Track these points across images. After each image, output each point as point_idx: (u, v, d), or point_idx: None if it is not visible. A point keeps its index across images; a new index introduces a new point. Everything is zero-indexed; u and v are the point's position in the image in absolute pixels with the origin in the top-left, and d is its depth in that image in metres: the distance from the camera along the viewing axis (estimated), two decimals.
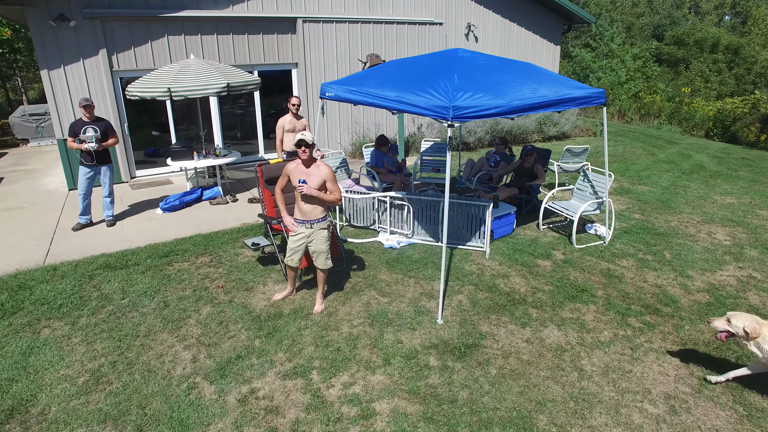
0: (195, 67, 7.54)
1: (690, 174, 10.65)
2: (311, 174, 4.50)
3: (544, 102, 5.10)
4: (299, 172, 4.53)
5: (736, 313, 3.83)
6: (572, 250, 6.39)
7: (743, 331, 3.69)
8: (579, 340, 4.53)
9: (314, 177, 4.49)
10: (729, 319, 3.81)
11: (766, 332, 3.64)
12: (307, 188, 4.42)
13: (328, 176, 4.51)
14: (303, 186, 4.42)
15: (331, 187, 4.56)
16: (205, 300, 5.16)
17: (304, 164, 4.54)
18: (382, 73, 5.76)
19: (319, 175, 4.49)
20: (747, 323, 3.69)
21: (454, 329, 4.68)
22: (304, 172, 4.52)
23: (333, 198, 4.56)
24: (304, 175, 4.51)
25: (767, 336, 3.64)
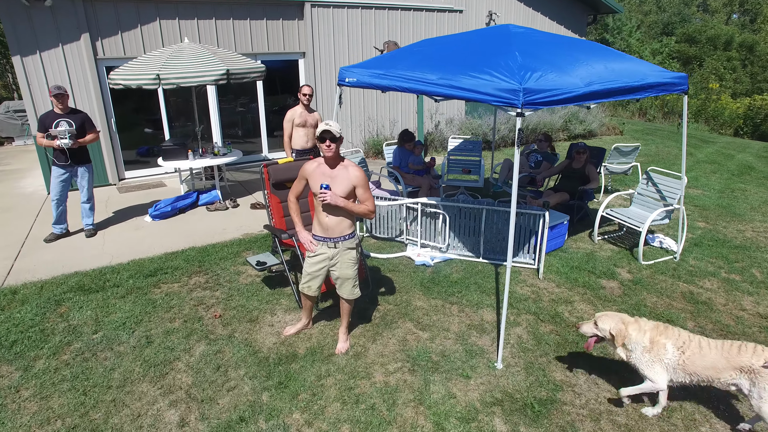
0: (189, 51, 6.49)
1: (740, 175, 9.60)
2: (337, 177, 3.44)
3: (624, 87, 4.05)
4: (321, 175, 3.47)
5: (603, 314, 3.35)
6: (639, 268, 5.33)
7: (609, 334, 3.25)
8: (686, 395, 3.46)
9: (341, 181, 3.43)
10: (596, 321, 3.32)
11: (632, 332, 3.19)
12: (331, 196, 3.36)
13: (359, 180, 3.45)
14: (326, 193, 3.36)
15: (362, 195, 3.50)
16: (199, 335, 4.10)
17: (328, 164, 3.48)
18: (416, 53, 4.70)
19: (347, 179, 3.43)
20: (613, 325, 3.24)
21: (520, 377, 3.62)
22: (327, 174, 3.46)
23: (365, 209, 3.49)
24: (327, 178, 3.45)
25: (633, 336, 3.18)
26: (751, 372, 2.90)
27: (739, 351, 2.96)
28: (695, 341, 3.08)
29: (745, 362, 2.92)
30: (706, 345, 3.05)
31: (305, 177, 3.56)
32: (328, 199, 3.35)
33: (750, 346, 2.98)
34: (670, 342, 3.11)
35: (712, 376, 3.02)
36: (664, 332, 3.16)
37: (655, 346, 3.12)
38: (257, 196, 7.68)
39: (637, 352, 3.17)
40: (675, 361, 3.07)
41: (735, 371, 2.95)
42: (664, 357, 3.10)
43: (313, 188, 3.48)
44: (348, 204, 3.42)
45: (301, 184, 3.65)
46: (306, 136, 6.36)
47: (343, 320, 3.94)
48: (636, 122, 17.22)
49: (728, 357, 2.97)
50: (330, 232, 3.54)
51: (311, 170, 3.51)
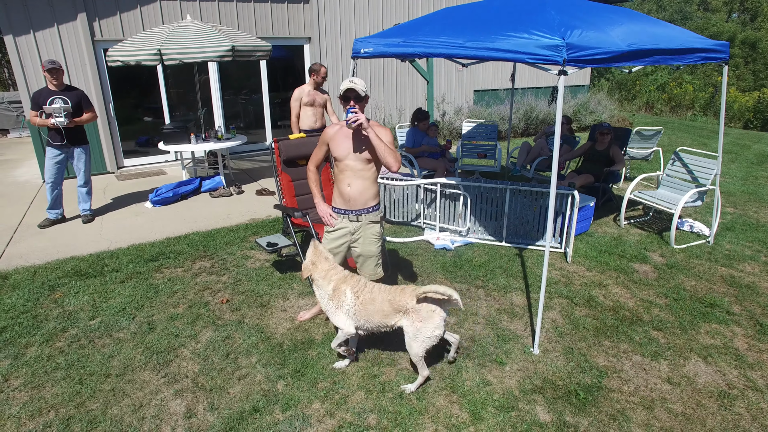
0: (193, 27, 6.17)
1: (761, 164, 9.30)
2: (363, 139, 3.11)
3: (665, 49, 3.74)
4: (344, 138, 3.14)
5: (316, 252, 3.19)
6: (672, 252, 5.01)
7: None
8: (746, 381, 3.15)
9: (368, 143, 3.10)
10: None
11: (317, 276, 3.09)
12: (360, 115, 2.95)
13: (386, 138, 3.11)
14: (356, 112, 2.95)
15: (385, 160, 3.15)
16: (205, 320, 3.77)
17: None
18: (438, 19, 4.37)
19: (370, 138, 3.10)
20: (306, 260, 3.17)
21: (560, 362, 3.29)
22: (350, 136, 3.14)
23: (393, 155, 3.03)
24: (349, 140, 3.12)
25: (318, 281, 3.09)
26: (407, 312, 2.92)
27: (400, 294, 2.96)
28: (369, 287, 3.05)
29: (402, 303, 2.92)
30: (377, 290, 3.03)
31: (326, 142, 3.23)
32: (360, 117, 2.94)
33: (409, 288, 2.99)
34: (350, 288, 3.04)
35: (383, 321, 2.99)
36: (347, 280, 3.09)
37: (336, 293, 3.05)
38: (263, 183, 7.35)
39: (324, 300, 3.12)
40: (353, 307, 3.02)
41: (398, 314, 2.96)
42: (344, 303, 3.03)
43: (336, 153, 3.15)
44: (378, 132, 3.04)
45: (321, 150, 3.30)
46: (314, 116, 6.04)
47: None
48: (644, 116, 16.92)
49: (391, 300, 2.95)
50: (352, 204, 3.21)
51: (333, 133, 3.18)
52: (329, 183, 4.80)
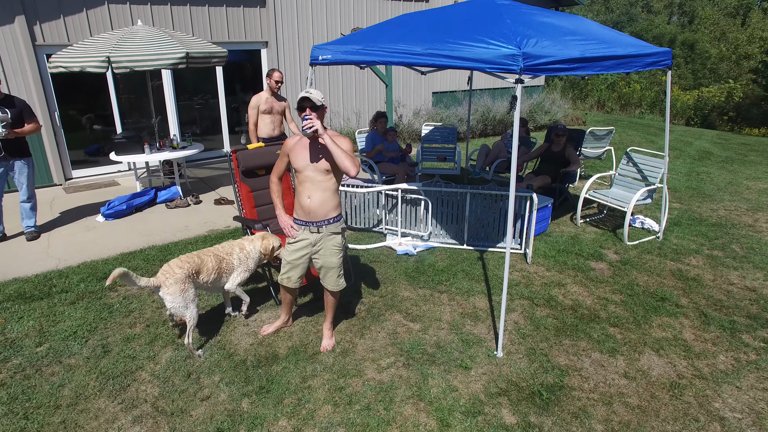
0: (144, 33, 5.96)
1: (702, 160, 9.79)
2: (321, 149, 3.09)
3: (615, 56, 3.88)
4: (303, 149, 3.11)
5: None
6: (625, 248, 5.21)
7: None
8: (693, 371, 3.30)
9: (326, 152, 3.08)
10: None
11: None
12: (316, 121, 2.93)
13: (345, 146, 3.10)
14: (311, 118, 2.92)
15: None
16: (164, 340, 3.65)
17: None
18: (397, 26, 4.39)
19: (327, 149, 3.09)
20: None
21: (523, 364, 3.36)
22: (308, 147, 3.11)
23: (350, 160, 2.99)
24: (311, 152, 3.09)
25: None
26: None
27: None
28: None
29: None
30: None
31: (287, 153, 3.19)
32: (315, 124, 2.91)
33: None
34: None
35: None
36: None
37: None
38: (221, 192, 7.18)
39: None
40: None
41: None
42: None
43: (295, 164, 3.12)
44: (333, 138, 3.01)
45: (283, 162, 3.27)
46: (272, 124, 5.95)
47: (328, 315, 3.59)
48: (596, 114, 17.52)
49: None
50: (313, 215, 3.18)
51: (292, 144, 3.15)
52: (289, 192, 4.75)
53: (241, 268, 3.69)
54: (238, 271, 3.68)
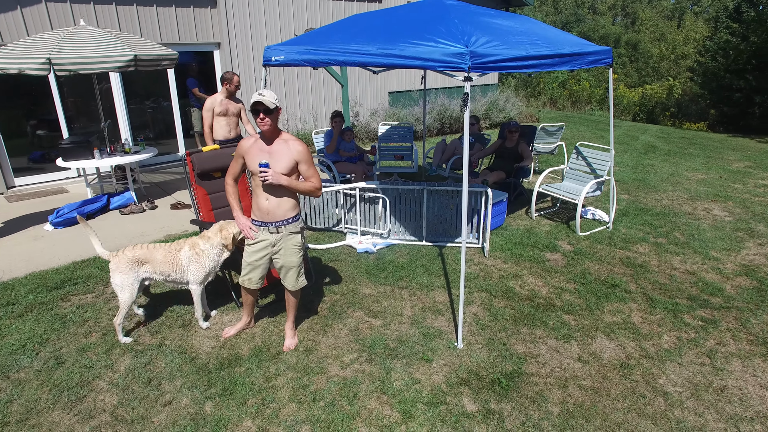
0: (88, 34, 5.77)
1: (647, 153, 10.29)
2: (277, 153, 3.10)
3: (559, 54, 4.05)
4: (258, 151, 3.11)
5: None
6: (578, 239, 5.43)
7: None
8: (641, 351, 3.50)
9: (281, 157, 3.09)
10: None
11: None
12: (273, 174, 3.01)
13: (301, 155, 3.13)
14: (267, 171, 3.00)
15: (306, 171, 3.18)
16: (122, 348, 3.56)
17: (265, 140, 3.13)
18: (348, 26, 4.43)
19: (288, 155, 3.10)
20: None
21: (482, 354, 3.47)
22: (265, 150, 3.11)
23: (310, 186, 3.17)
24: (265, 154, 3.10)
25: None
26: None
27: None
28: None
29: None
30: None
31: (242, 155, 3.19)
32: (270, 177, 2.99)
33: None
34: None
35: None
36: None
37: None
38: (177, 196, 7.03)
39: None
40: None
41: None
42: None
43: (251, 167, 3.11)
44: (291, 182, 3.09)
45: (238, 164, 3.26)
46: (228, 126, 5.87)
47: (290, 314, 3.59)
48: (549, 111, 18.09)
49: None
50: (271, 216, 3.19)
51: (247, 147, 3.14)
52: (247, 194, 4.71)
53: (194, 266, 3.62)
54: (191, 270, 3.62)
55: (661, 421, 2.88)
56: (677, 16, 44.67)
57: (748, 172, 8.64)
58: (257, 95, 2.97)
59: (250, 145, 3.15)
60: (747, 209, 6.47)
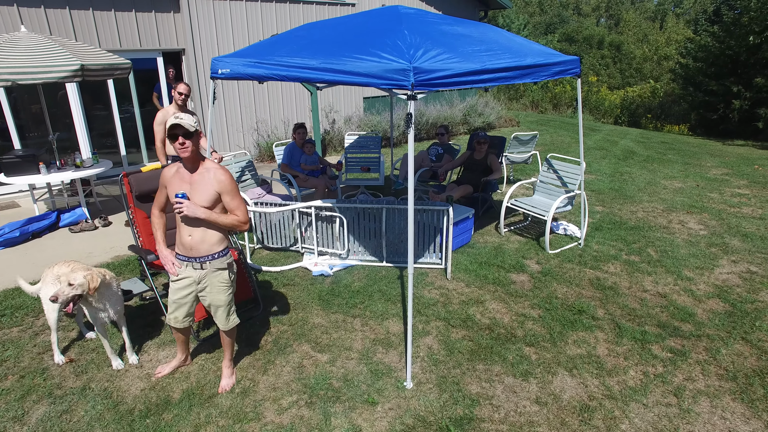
0: (29, 42, 5.43)
1: (625, 160, 10.13)
2: (198, 183, 2.81)
3: (520, 66, 3.81)
4: (180, 181, 2.82)
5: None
6: (547, 257, 5.20)
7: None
8: (604, 390, 3.25)
9: (202, 187, 2.80)
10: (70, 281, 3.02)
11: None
12: (188, 206, 2.72)
13: (223, 185, 2.84)
14: (182, 203, 2.71)
15: (231, 203, 2.89)
16: (40, 392, 3.25)
17: (187, 167, 2.83)
18: (298, 37, 4.14)
19: (210, 185, 2.81)
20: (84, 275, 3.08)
21: (433, 396, 3.20)
22: (186, 179, 2.82)
23: (234, 221, 2.89)
24: (186, 185, 2.81)
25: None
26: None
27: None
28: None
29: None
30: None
31: (165, 184, 2.90)
32: (186, 210, 2.70)
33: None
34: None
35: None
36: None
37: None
38: None
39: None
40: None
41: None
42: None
43: (171, 198, 2.82)
44: (211, 215, 2.80)
45: (162, 194, 3.01)
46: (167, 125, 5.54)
47: (226, 353, 3.30)
48: (530, 114, 17.94)
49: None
50: (194, 251, 2.89)
51: (169, 176, 2.86)
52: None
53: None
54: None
55: None
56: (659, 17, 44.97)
57: (725, 180, 8.50)
58: (173, 118, 2.68)
59: (172, 174, 2.86)
60: (722, 221, 6.29)
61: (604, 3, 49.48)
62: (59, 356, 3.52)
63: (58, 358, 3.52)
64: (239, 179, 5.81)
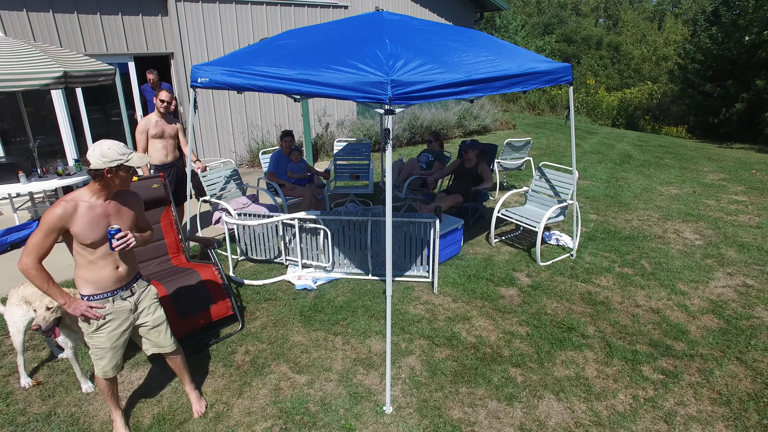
0: (8, 47, 5.28)
1: (622, 164, 10.00)
2: (121, 210, 2.60)
3: (508, 75, 3.67)
4: (98, 217, 2.49)
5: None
6: (538, 270, 5.06)
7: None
8: (591, 416, 3.12)
9: (125, 214, 2.62)
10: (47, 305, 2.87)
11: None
12: (134, 237, 2.58)
13: (141, 205, 2.78)
14: (127, 237, 2.53)
15: (144, 222, 2.90)
16: (2, 419, 3.11)
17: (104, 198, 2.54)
18: (278, 46, 4.00)
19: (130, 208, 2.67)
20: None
21: (413, 421, 3.07)
22: (104, 211, 2.52)
23: (149, 234, 2.87)
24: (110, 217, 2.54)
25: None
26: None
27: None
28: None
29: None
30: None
31: (60, 227, 2.42)
32: (132, 243, 2.54)
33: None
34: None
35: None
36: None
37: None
38: None
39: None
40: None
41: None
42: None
43: (93, 237, 2.47)
44: (144, 236, 2.78)
45: (49, 239, 2.40)
46: (165, 149, 5.41)
47: (184, 377, 3.13)
48: (527, 116, 17.80)
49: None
50: (123, 280, 2.68)
51: (74, 214, 2.43)
52: (172, 228, 4.27)
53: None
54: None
55: None
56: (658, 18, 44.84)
57: (722, 186, 8.37)
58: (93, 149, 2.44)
59: (75, 212, 2.43)
60: (719, 230, 6.16)
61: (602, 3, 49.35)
62: (25, 379, 3.39)
63: (24, 381, 3.38)
64: (223, 188, 5.68)
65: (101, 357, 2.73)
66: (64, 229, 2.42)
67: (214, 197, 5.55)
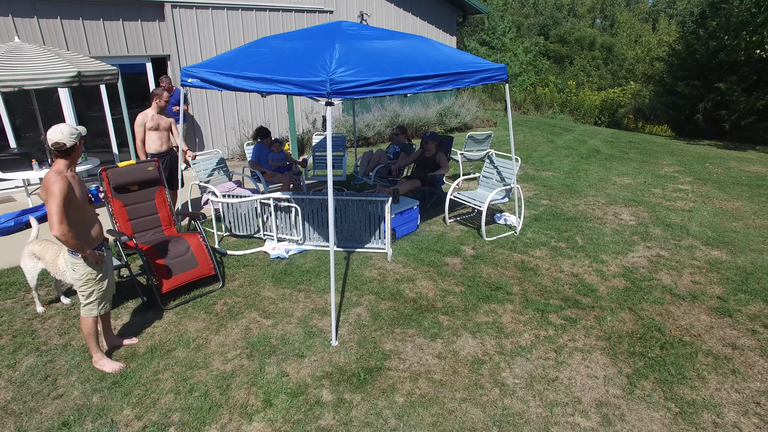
0: (29, 51, 6.09)
1: (588, 158, 10.76)
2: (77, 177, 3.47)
3: (439, 74, 4.46)
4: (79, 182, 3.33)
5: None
6: (482, 244, 5.85)
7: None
8: (497, 348, 3.91)
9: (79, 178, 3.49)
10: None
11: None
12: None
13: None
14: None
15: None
16: (29, 348, 3.91)
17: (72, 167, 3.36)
18: (253, 53, 4.80)
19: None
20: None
21: (352, 351, 3.86)
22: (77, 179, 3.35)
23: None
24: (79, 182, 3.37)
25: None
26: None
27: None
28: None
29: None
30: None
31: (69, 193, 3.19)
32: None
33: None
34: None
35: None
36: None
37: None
38: None
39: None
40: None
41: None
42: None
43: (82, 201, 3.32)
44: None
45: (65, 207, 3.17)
46: (160, 140, 6.20)
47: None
48: (513, 114, 18.54)
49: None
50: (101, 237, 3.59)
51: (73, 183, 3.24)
52: (164, 204, 5.08)
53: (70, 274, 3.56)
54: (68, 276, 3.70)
55: (489, 408, 3.29)
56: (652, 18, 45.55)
57: (673, 177, 9.14)
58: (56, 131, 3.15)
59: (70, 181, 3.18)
60: (653, 213, 6.94)
61: (599, 4, 50.07)
62: (40, 306, 4.36)
63: (40, 308, 4.36)
64: (210, 174, 6.47)
65: (102, 299, 3.58)
66: (69, 196, 3.15)
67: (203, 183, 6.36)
